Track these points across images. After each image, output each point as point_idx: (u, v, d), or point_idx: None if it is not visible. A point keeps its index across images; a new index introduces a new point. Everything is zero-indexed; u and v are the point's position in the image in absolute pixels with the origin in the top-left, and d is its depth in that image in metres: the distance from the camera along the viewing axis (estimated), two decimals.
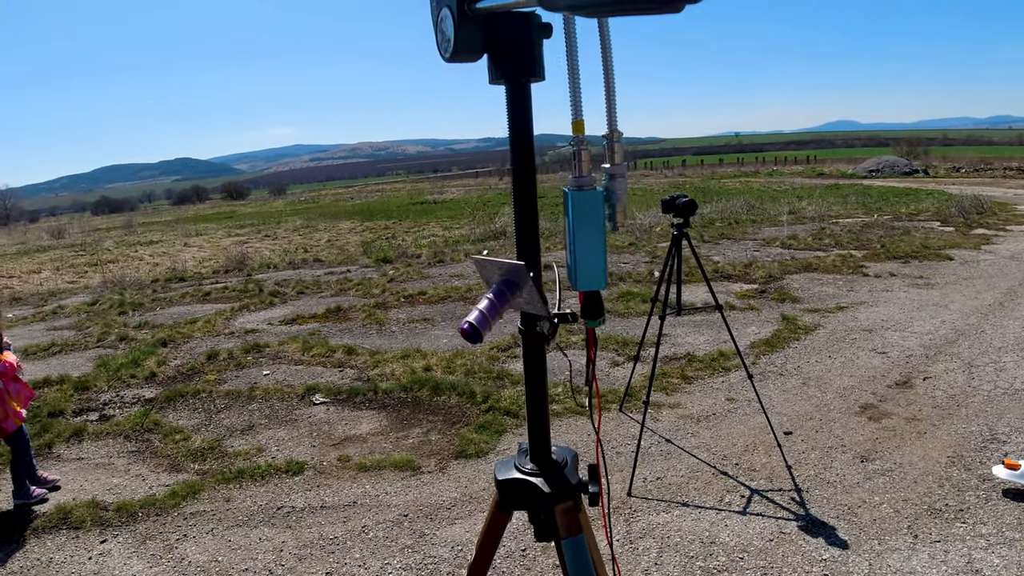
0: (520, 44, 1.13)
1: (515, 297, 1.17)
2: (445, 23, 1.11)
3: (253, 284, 11.25)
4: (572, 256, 1.12)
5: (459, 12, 1.07)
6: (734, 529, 3.53)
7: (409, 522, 3.75)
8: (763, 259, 10.96)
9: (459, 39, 1.08)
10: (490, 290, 1.16)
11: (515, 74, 1.16)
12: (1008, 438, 4.37)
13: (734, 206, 18.94)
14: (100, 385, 6.28)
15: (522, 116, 1.19)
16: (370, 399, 5.63)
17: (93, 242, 22.59)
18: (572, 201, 1.10)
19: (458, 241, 15.72)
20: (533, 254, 1.24)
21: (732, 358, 6.05)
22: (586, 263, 1.11)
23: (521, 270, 1.15)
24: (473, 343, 1.13)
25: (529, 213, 1.22)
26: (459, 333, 1.10)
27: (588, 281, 1.13)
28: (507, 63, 1.15)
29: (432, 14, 1.17)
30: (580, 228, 1.10)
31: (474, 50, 1.12)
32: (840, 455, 4.30)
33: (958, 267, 9.80)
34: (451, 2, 1.08)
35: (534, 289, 1.14)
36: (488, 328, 1.11)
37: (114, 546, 3.64)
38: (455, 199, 33.47)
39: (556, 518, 1.34)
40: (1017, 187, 23.97)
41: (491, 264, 1.19)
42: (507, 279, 1.16)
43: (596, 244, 1.10)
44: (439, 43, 1.16)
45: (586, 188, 1.11)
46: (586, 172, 1.12)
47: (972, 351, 6.08)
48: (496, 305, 1.13)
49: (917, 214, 16.10)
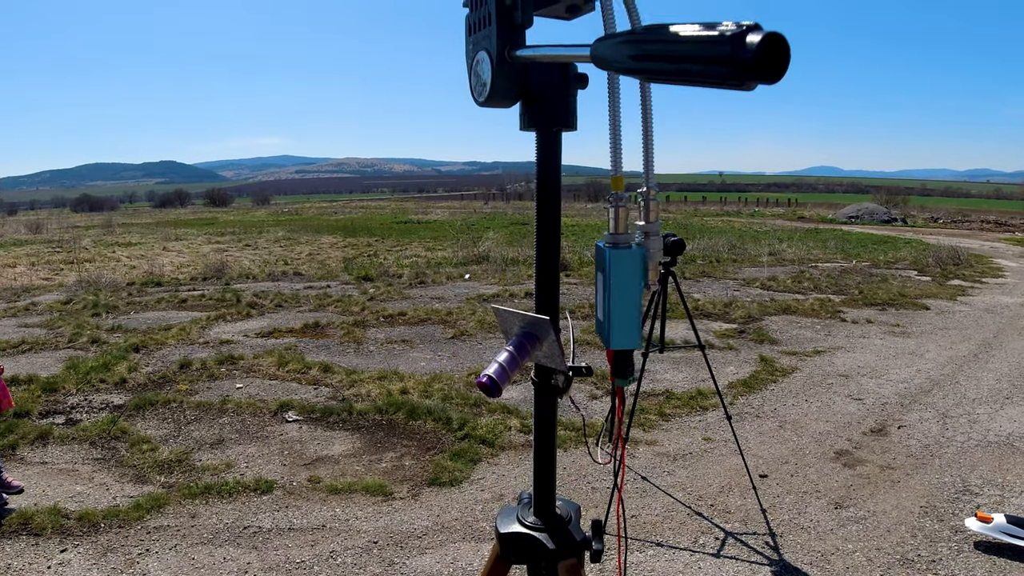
0: (555, 94, 1.12)
1: (535, 350, 1.15)
2: (481, 66, 1.10)
3: (231, 294, 11.12)
4: (606, 313, 1.10)
5: (498, 58, 1.06)
6: (707, 572, 3.50)
7: (379, 549, 3.67)
8: (743, 299, 11.04)
9: (496, 85, 1.07)
10: (510, 342, 1.14)
11: (547, 123, 1.15)
12: (980, 490, 4.40)
13: (716, 245, 19.11)
14: (68, 387, 6.14)
15: (551, 165, 1.17)
16: (344, 419, 5.55)
17: (71, 240, 22.27)
18: (609, 259, 1.09)
19: (440, 263, 15.68)
20: (554, 307, 1.23)
21: (710, 397, 6.05)
22: (620, 322, 1.10)
23: (545, 324, 1.13)
24: (492, 397, 1.11)
25: (551, 263, 1.20)
26: (477, 386, 1.08)
27: (621, 340, 1.11)
28: (540, 112, 1.14)
29: (467, 56, 1.16)
30: (617, 286, 1.08)
31: (509, 96, 1.11)
32: (815, 500, 4.29)
33: (934, 317, 9.92)
34: (490, 47, 1.07)
35: (556, 344, 1.13)
36: (507, 382, 1.09)
37: (74, 556, 3.53)
38: (439, 220, 33.47)
39: (559, 575, 1.31)
40: (994, 240, 24.44)
41: (511, 315, 1.17)
42: (528, 332, 1.15)
43: (631, 303, 1.09)
44: (473, 86, 1.14)
45: (622, 246, 1.10)
46: (623, 229, 1.11)
47: (946, 401, 6.13)
48: (516, 359, 1.11)
49: (895, 262, 16.32)
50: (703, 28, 0.65)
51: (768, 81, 0.62)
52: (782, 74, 0.62)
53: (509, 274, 13.57)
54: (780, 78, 0.62)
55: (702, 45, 0.64)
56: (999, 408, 5.97)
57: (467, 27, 1.16)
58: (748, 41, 0.60)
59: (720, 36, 0.63)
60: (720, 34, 0.63)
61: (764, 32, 0.61)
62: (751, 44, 0.60)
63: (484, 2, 1.09)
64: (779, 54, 0.61)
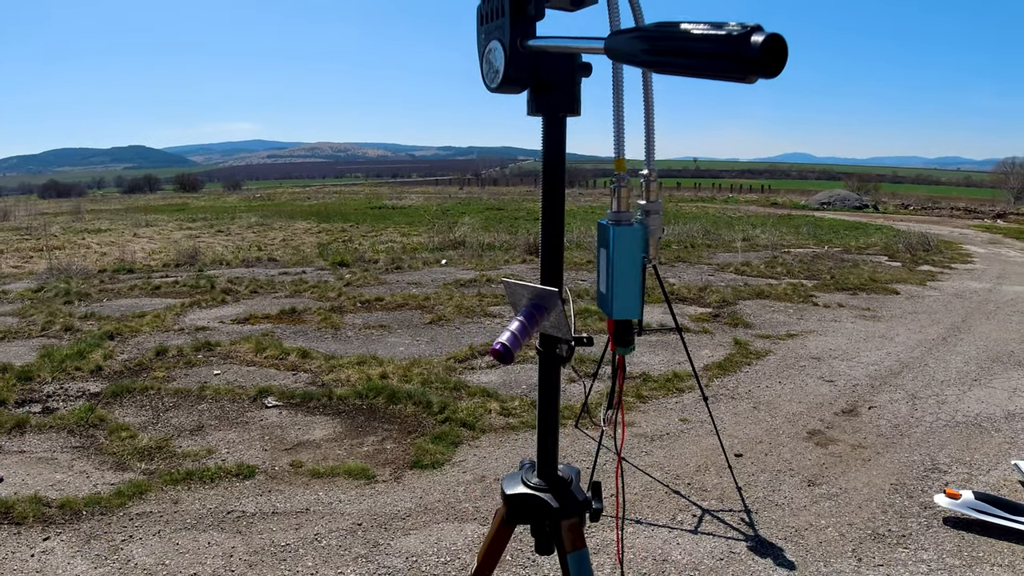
0: (562, 81, 1.19)
1: (543, 320, 1.23)
2: (494, 55, 1.16)
3: (205, 280, 11.03)
4: (608, 286, 1.19)
5: (511, 47, 1.13)
6: (686, 548, 3.59)
7: (363, 531, 3.71)
8: (717, 284, 11.18)
9: (508, 73, 1.14)
10: (520, 312, 1.22)
11: (554, 109, 1.23)
12: (949, 468, 4.54)
13: (691, 230, 19.29)
14: (44, 376, 6.08)
15: (556, 148, 1.25)
16: (324, 405, 5.56)
17: (40, 226, 21.87)
18: (613, 235, 1.17)
19: (416, 248, 15.66)
20: (558, 280, 1.31)
21: (686, 379, 6.15)
22: (622, 293, 1.18)
23: (553, 295, 1.21)
24: (505, 363, 1.17)
25: (556, 240, 1.28)
26: (491, 353, 1.15)
27: (623, 310, 1.20)
28: (548, 99, 1.21)
29: (479, 44, 1.22)
30: (619, 261, 1.17)
31: (520, 83, 1.18)
32: (788, 478, 4.40)
33: (904, 301, 10.13)
34: (503, 36, 1.13)
35: (562, 313, 1.20)
36: (519, 349, 1.15)
37: (57, 544, 3.52)
38: (414, 205, 33.33)
39: (562, 533, 1.39)
40: (963, 226, 24.92)
41: (521, 288, 1.25)
42: (536, 303, 1.23)
43: (633, 276, 1.17)
44: (485, 72, 1.21)
45: (624, 223, 1.19)
46: (625, 208, 1.20)
47: (916, 383, 6.29)
48: (527, 327, 1.18)
49: (866, 248, 16.60)
50: (711, 27, 0.72)
51: (768, 76, 0.70)
52: (780, 70, 0.70)
53: (486, 259, 13.59)
54: (778, 73, 0.70)
55: (711, 43, 0.72)
56: (967, 389, 6.13)
57: (479, 16, 1.23)
58: (752, 40, 0.68)
59: (728, 35, 0.70)
60: (728, 33, 0.71)
61: (766, 33, 0.69)
62: (755, 43, 0.68)
63: None
64: (778, 52, 0.69)
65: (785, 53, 0.69)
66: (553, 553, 1.48)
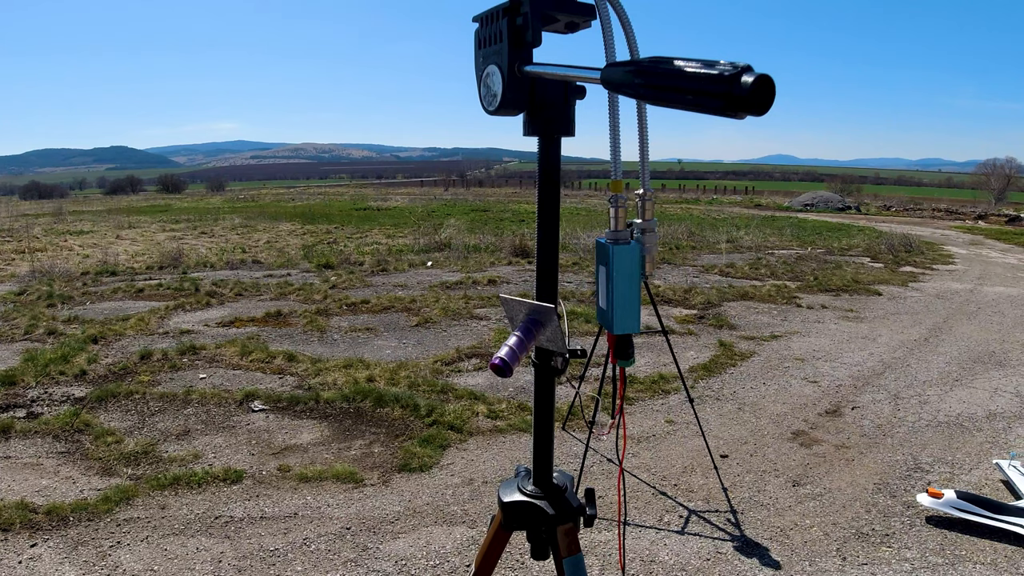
0: (557, 104, 1.24)
1: (539, 334, 1.26)
2: (492, 79, 1.20)
3: (189, 283, 10.97)
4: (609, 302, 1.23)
5: (509, 73, 1.17)
6: (673, 548, 3.62)
7: (352, 535, 3.72)
8: (702, 285, 11.25)
9: (506, 97, 1.18)
10: (517, 328, 1.26)
11: (550, 131, 1.27)
12: (931, 468, 4.60)
13: (675, 232, 19.39)
14: (28, 380, 6.03)
15: (552, 167, 1.30)
16: (311, 408, 5.56)
17: (21, 228, 21.66)
18: (612, 254, 1.21)
19: (402, 250, 15.64)
20: (553, 295, 1.35)
21: (672, 381, 6.19)
22: (622, 309, 1.22)
23: (550, 311, 1.26)
24: (503, 377, 1.21)
25: (551, 256, 1.30)
26: (490, 368, 1.19)
27: (623, 325, 1.25)
28: (544, 121, 1.26)
29: (476, 67, 1.27)
30: (618, 278, 1.22)
31: (517, 107, 1.22)
32: (773, 479, 4.45)
33: (886, 302, 10.25)
34: (502, 61, 1.17)
35: (558, 328, 1.23)
36: (517, 363, 1.18)
37: (44, 550, 3.50)
38: (399, 207, 33.28)
39: (558, 538, 1.43)
40: (945, 227, 25.22)
41: (517, 303, 1.29)
42: (533, 318, 1.27)
43: (632, 292, 1.21)
44: (483, 95, 1.25)
45: (622, 242, 1.23)
46: (622, 227, 1.24)
47: (898, 384, 6.37)
48: (524, 342, 1.21)
49: (849, 249, 16.76)
50: (703, 66, 0.75)
51: (756, 114, 0.73)
52: (768, 108, 0.72)
53: (471, 261, 13.61)
54: (766, 111, 0.73)
55: (703, 82, 0.74)
56: (948, 390, 6.22)
57: (477, 40, 1.27)
58: (743, 81, 0.71)
59: (720, 75, 0.73)
60: (720, 73, 0.73)
61: (756, 74, 0.71)
62: (745, 83, 0.71)
63: (495, 20, 1.19)
64: (766, 92, 0.72)
65: (773, 93, 0.72)
66: (548, 558, 1.52)
